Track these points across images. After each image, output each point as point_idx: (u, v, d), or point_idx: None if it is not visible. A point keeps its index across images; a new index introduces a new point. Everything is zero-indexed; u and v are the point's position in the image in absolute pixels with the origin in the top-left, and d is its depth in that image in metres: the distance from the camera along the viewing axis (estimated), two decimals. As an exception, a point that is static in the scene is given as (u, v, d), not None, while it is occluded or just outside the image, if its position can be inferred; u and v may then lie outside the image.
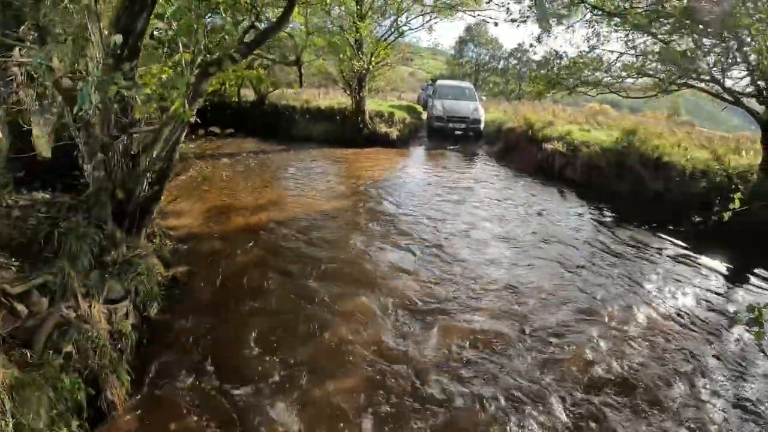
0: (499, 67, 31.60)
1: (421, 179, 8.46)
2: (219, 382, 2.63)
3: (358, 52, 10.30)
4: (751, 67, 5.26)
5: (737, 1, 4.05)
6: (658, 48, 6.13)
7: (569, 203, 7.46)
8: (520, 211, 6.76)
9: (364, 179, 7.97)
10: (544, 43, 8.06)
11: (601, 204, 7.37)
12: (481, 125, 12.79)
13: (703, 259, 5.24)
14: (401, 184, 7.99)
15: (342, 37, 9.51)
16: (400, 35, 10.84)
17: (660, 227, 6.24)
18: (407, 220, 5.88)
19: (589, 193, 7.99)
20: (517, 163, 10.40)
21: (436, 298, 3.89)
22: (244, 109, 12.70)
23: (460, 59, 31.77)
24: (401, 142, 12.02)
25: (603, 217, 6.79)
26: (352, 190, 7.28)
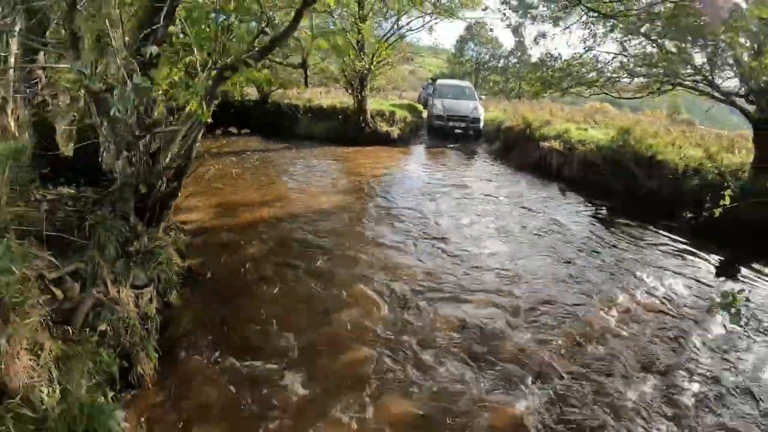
0: (499, 65, 31.79)
1: (421, 176, 8.68)
2: (236, 357, 2.90)
3: (360, 52, 10.51)
4: (734, 71, 5.48)
5: (713, 12, 4.30)
6: (649, 50, 6.35)
7: (565, 200, 7.68)
8: (517, 207, 6.99)
9: (367, 176, 8.19)
10: (541, 44, 8.27)
11: (596, 201, 7.59)
12: (481, 124, 12.97)
13: (692, 252, 5.48)
14: (402, 181, 8.23)
15: (345, 38, 9.70)
16: (401, 38, 11.05)
17: (653, 223, 6.46)
18: (407, 215, 6.11)
19: (585, 190, 8.20)
20: (515, 161, 10.60)
21: (435, 284, 4.17)
22: (247, 107, 12.84)
23: (461, 58, 31.94)
24: (402, 141, 12.23)
25: (597, 213, 7.02)
26: (355, 186, 7.51)
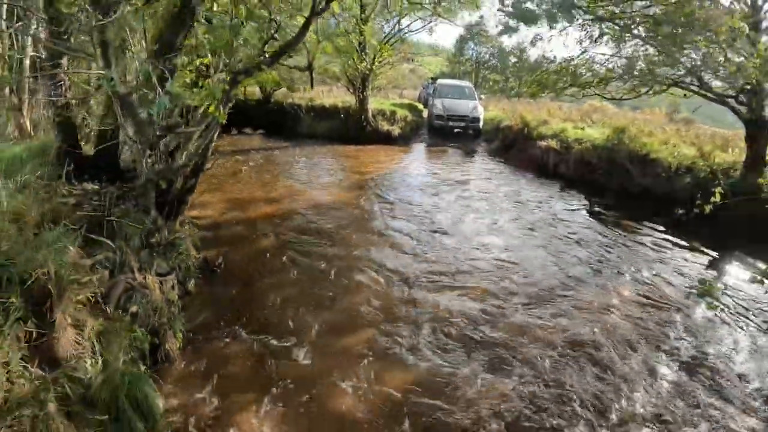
0: (499, 65, 31.93)
1: (421, 174, 8.94)
2: (251, 336, 3.20)
3: (362, 53, 10.74)
4: (722, 74, 5.72)
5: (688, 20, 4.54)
6: (642, 52, 6.59)
7: (561, 197, 7.93)
8: (513, 203, 7.26)
9: (369, 174, 8.45)
10: (538, 46, 8.51)
11: (591, 198, 7.84)
12: (480, 123, 13.20)
13: (681, 246, 5.73)
14: (402, 178, 8.48)
15: (348, 41, 9.95)
16: (403, 41, 11.29)
17: (645, 219, 6.71)
18: (408, 210, 6.39)
19: (581, 188, 8.46)
20: (513, 160, 10.85)
21: (434, 273, 4.47)
22: (250, 107, 13.08)
23: (461, 57, 32.12)
24: (403, 140, 12.47)
25: (592, 209, 7.27)
26: (358, 183, 7.77)
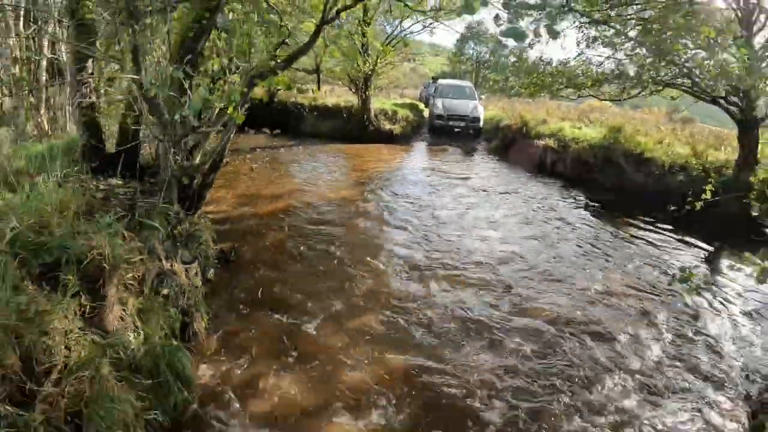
0: (499, 63, 32.14)
1: (422, 172, 9.22)
2: (267, 317, 3.53)
3: (365, 54, 11.01)
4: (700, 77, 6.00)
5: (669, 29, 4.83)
6: (632, 55, 6.86)
7: (557, 194, 8.21)
8: (510, 199, 7.55)
9: (371, 172, 8.74)
10: (536, 48, 8.78)
11: (587, 195, 8.12)
12: (480, 123, 13.46)
13: (671, 240, 6.02)
14: (404, 176, 8.77)
15: (351, 42, 10.22)
16: (405, 45, 11.55)
17: (638, 215, 6.98)
18: (409, 206, 6.69)
19: (577, 186, 8.73)
20: (512, 158, 11.13)
21: (433, 262, 4.79)
22: (254, 106, 13.28)
23: (461, 56, 32.38)
24: (404, 139, 12.75)
25: (587, 206, 7.55)
26: (361, 180, 8.06)
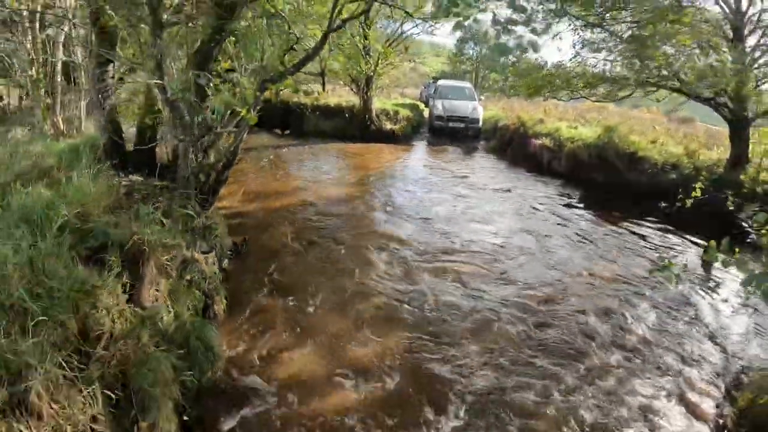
0: (499, 63, 32.42)
1: (421, 170, 9.53)
2: (280, 301, 3.87)
3: (366, 56, 11.30)
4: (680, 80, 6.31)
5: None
6: (621, 58, 7.17)
7: (551, 191, 8.50)
8: (506, 196, 7.86)
9: (373, 170, 9.05)
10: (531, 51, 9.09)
11: (581, 193, 8.40)
12: (480, 124, 13.68)
13: (659, 235, 6.30)
14: (405, 174, 9.09)
15: (353, 43, 10.52)
16: (406, 49, 11.85)
17: (630, 212, 7.25)
18: (409, 202, 7.03)
19: (572, 184, 9.01)
20: (510, 157, 11.41)
21: (432, 252, 5.15)
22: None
23: (461, 56, 32.64)
24: (405, 138, 13.04)
25: (581, 203, 7.85)
26: (363, 178, 8.37)
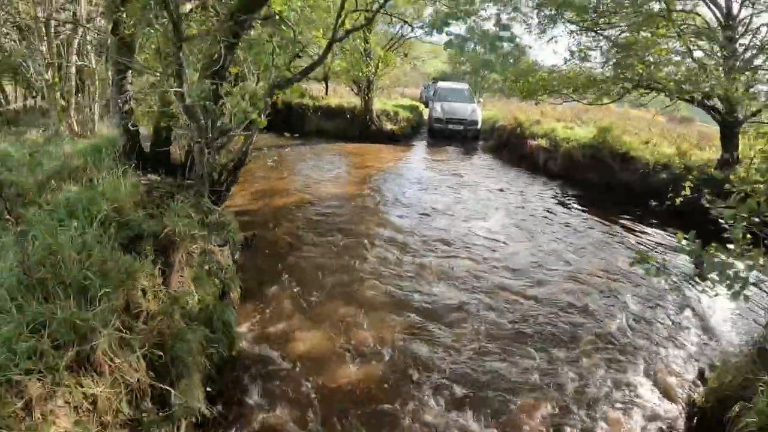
0: (499, 62, 32.63)
1: (421, 169, 9.88)
2: (289, 291, 4.21)
3: (367, 59, 11.61)
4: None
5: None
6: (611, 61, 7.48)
7: (546, 191, 8.80)
8: (501, 194, 8.19)
9: (374, 169, 9.37)
10: (528, 53, 9.41)
11: (575, 191, 8.71)
12: (478, 126, 13.93)
13: (648, 232, 6.62)
14: (405, 173, 9.41)
15: (354, 46, 10.83)
16: (405, 55, 12.18)
17: (621, 210, 7.57)
18: (409, 199, 7.36)
19: (567, 183, 9.32)
20: (507, 157, 11.72)
21: (430, 246, 5.51)
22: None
23: (461, 58, 32.85)
24: (405, 138, 13.37)
25: (574, 201, 8.15)
26: (364, 177, 8.70)
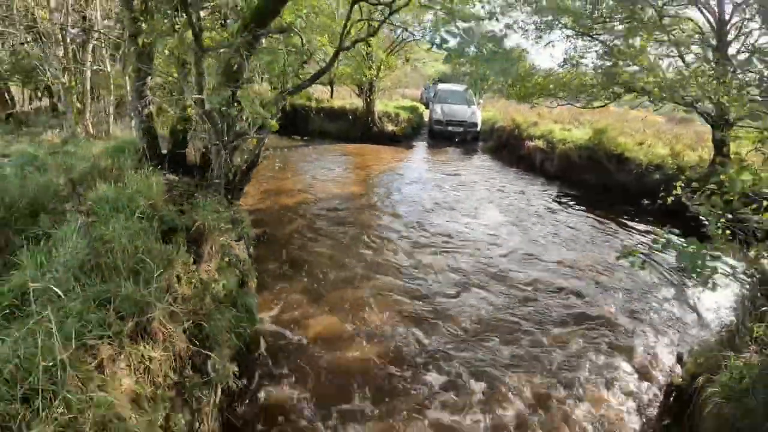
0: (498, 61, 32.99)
1: (421, 169, 10.20)
2: (300, 280, 4.55)
3: (369, 61, 11.92)
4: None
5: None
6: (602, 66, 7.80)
7: (543, 190, 9.12)
8: (499, 193, 8.51)
9: (376, 169, 9.69)
10: (525, 57, 9.74)
11: (571, 191, 9.02)
12: (478, 127, 14.18)
13: (640, 229, 6.92)
14: (406, 173, 9.73)
15: (356, 50, 11.13)
16: (407, 60, 12.49)
17: (615, 209, 7.88)
18: (410, 198, 7.69)
19: (563, 183, 9.63)
20: (506, 157, 12.03)
21: (430, 240, 5.86)
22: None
23: (461, 59, 33.19)
24: (406, 139, 13.68)
25: (569, 200, 8.46)
26: (367, 177, 9.02)
